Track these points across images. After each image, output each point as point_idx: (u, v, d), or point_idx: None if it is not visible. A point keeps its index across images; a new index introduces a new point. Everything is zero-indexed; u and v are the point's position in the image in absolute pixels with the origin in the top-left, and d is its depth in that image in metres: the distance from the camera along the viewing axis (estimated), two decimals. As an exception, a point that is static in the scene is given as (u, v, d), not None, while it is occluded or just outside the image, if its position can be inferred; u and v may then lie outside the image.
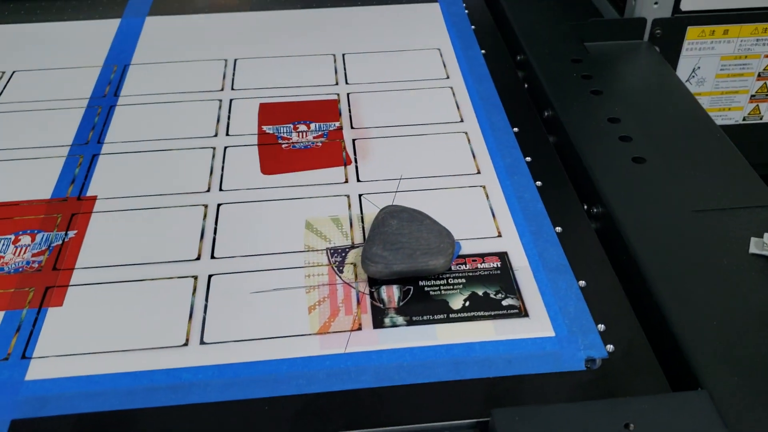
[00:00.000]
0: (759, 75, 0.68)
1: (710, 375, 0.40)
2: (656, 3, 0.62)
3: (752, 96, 0.69)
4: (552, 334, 0.43)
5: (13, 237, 0.50)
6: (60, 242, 0.50)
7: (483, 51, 0.71)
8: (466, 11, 0.79)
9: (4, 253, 0.49)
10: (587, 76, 0.64)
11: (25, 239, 0.50)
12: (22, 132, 0.61)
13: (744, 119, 0.70)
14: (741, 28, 0.63)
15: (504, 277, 0.47)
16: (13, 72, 0.69)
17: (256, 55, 0.71)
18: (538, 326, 0.44)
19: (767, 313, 0.43)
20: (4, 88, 0.66)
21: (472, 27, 0.76)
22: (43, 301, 0.46)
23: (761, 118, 0.70)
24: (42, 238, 0.50)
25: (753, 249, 0.47)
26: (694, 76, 0.66)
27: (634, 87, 0.62)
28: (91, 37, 0.75)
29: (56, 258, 0.49)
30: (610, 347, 0.43)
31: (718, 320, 0.43)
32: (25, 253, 0.49)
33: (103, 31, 0.76)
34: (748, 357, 0.41)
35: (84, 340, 0.43)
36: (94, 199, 0.53)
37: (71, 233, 0.50)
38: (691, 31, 0.64)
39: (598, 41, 0.66)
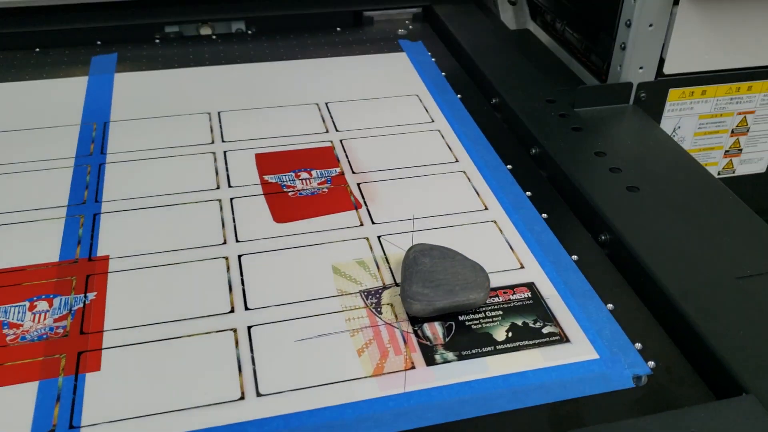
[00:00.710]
0: (732, 131, 0.74)
1: (752, 379, 0.43)
2: (641, 68, 0.67)
3: (726, 151, 0.76)
4: (597, 356, 0.45)
5: (27, 303, 0.48)
6: (81, 305, 0.48)
7: (459, 95, 0.74)
8: (433, 59, 0.82)
9: (22, 321, 0.47)
10: (564, 115, 0.68)
11: (42, 305, 0.48)
12: (12, 195, 0.58)
13: (719, 174, 0.76)
14: (717, 88, 0.70)
15: (537, 307, 0.49)
16: (-16, 134, 0.66)
17: (238, 107, 0.71)
18: (582, 350, 0.46)
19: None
20: (-25, 151, 0.64)
21: (443, 73, 0.79)
22: (78, 367, 0.44)
23: (734, 172, 0.77)
24: (60, 303, 0.48)
25: None
26: (675, 135, 0.72)
27: (614, 126, 0.67)
28: (61, 96, 0.73)
29: (81, 321, 0.47)
30: (651, 363, 0.45)
31: (749, 327, 0.46)
32: (45, 319, 0.47)
33: (71, 89, 0.74)
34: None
35: (133, 403, 0.42)
36: (106, 258, 0.52)
37: (91, 295, 0.49)
38: (673, 93, 0.69)
39: (587, 107, 0.70)
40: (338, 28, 0.89)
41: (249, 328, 0.47)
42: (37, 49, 0.82)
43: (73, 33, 0.83)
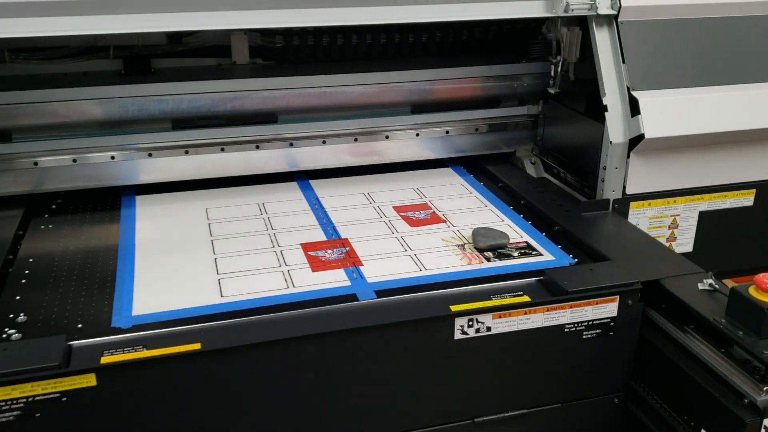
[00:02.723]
0: (669, 226, 1.28)
1: (613, 255, 1.21)
2: (614, 191, 1.23)
3: (667, 239, 1.29)
4: (553, 258, 1.08)
5: (323, 251, 1.12)
6: (345, 251, 1.13)
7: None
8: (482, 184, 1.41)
9: (324, 255, 1.11)
10: (575, 215, 1.21)
11: (330, 251, 1.12)
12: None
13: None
14: (656, 201, 1.26)
15: (529, 247, 1.11)
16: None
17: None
18: (548, 257, 1.07)
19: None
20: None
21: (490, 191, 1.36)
22: (355, 264, 1.07)
23: (673, 253, 1.20)
24: (336, 251, 1.17)
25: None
26: (636, 229, 1.21)
27: (603, 221, 1.20)
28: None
29: (348, 255, 1.11)
30: (576, 259, 1.13)
31: (619, 247, 1.25)
32: (333, 254, 1.09)
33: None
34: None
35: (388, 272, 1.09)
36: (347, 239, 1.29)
37: (347, 248, 1.15)
38: (633, 204, 1.24)
39: (588, 212, 1.22)
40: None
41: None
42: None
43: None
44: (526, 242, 1.15)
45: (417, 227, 1.20)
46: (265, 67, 1.43)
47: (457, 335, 0.92)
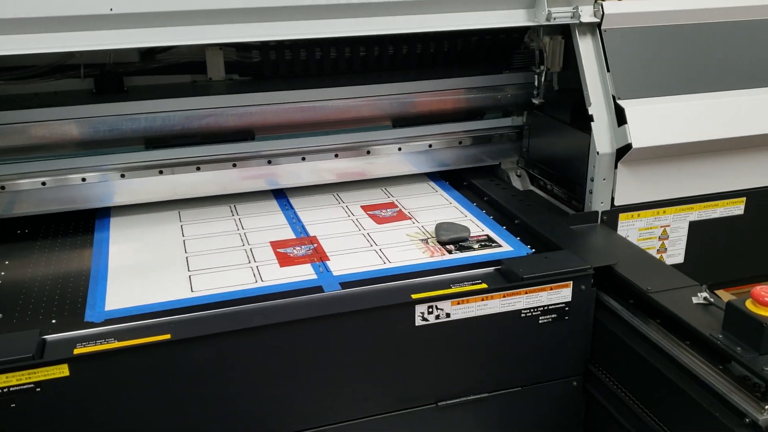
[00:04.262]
0: (659, 238, 1.28)
1: (565, 245, 1.18)
2: (602, 202, 1.21)
3: (657, 250, 1.28)
4: (511, 249, 1.19)
5: (292, 248, 1.21)
6: (313, 248, 1.21)
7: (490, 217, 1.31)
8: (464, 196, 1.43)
9: (293, 252, 1.20)
10: (563, 228, 1.20)
11: (298, 248, 1.21)
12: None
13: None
14: (645, 212, 1.25)
15: (489, 239, 1.23)
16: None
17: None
18: (506, 248, 1.19)
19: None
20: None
21: (474, 203, 1.37)
22: (322, 260, 1.16)
23: (663, 264, 1.22)
24: (304, 247, 1.21)
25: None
26: (625, 242, 1.22)
27: (592, 234, 1.19)
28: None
29: (315, 251, 1.20)
30: (533, 249, 1.19)
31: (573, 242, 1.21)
32: (301, 250, 1.20)
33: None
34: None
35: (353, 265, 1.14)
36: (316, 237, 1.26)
37: (314, 245, 1.22)
38: (622, 216, 1.22)
39: (576, 225, 1.21)
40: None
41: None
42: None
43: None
44: (486, 235, 1.22)
45: (383, 224, 1.27)
46: (241, 83, 1.40)
47: (418, 321, 0.97)
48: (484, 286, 1.01)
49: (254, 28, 1.17)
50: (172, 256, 1.17)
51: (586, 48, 1.27)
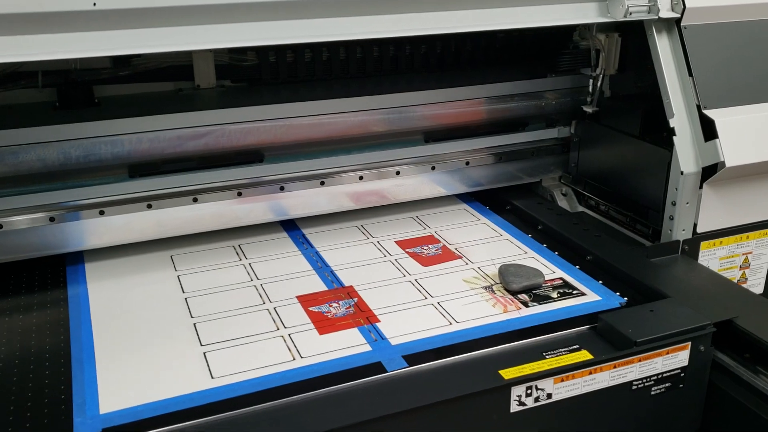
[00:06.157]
0: (740, 267, 1.14)
1: (672, 291, 0.97)
2: (684, 230, 1.06)
3: (738, 281, 1.14)
4: (599, 298, 0.99)
5: (327, 305, 0.97)
6: (353, 303, 0.98)
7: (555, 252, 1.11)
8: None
9: (329, 310, 0.96)
10: (642, 263, 1.04)
11: (335, 304, 0.97)
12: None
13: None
14: (728, 238, 1.10)
15: (567, 285, 1.02)
16: None
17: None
18: (593, 297, 0.99)
19: None
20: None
21: (529, 234, 1.16)
22: (370, 321, 0.93)
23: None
24: (342, 303, 0.97)
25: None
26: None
27: (674, 267, 1.04)
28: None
29: (358, 308, 0.96)
30: (625, 299, 0.98)
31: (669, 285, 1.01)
32: (339, 308, 0.96)
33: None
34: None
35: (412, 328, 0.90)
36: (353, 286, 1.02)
37: (354, 299, 0.98)
38: (703, 245, 1.08)
39: (658, 257, 1.06)
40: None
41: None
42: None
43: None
44: (561, 278, 1.03)
45: (430, 266, 1.06)
46: (236, 91, 1.15)
47: (514, 407, 0.79)
48: (587, 354, 0.83)
49: (261, 30, 0.92)
50: (176, 321, 0.92)
51: (664, 48, 1.07)
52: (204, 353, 0.85)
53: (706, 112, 1.05)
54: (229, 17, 0.90)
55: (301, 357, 0.84)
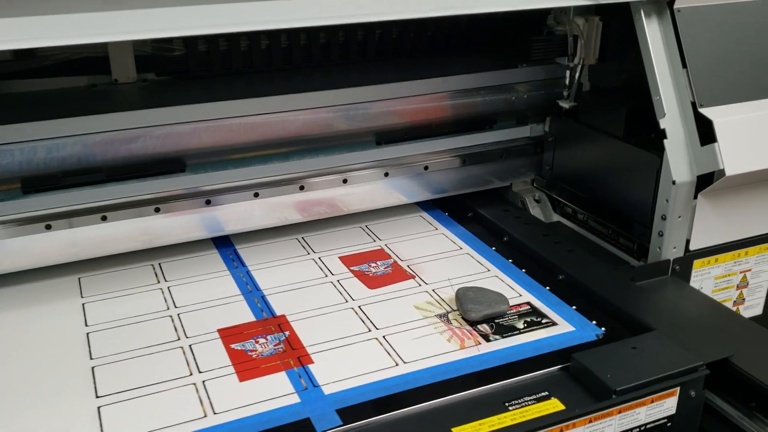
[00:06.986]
0: (737, 286, 1.02)
1: (657, 324, 0.82)
2: (675, 247, 0.93)
3: (734, 302, 1.02)
4: (573, 329, 0.84)
5: (253, 341, 0.82)
6: (284, 338, 0.83)
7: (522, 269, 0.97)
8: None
9: (255, 347, 0.81)
10: (625, 286, 0.91)
11: (262, 340, 0.82)
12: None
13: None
14: (724, 255, 0.97)
15: (535, 312, 0.87)
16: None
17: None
18: (566, 328, 0.84)
19: None
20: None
21: (492, 248, 1.02)
22: (302, 362, 0.78)
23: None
24: (271, 338, 0.83)
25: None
26: (699, 293, 0.98)
27: (663, 291, 0.91)
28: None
29: (288, 344, 0.81)
30: (603, 329, 0.84)
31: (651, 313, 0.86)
32: (267, 345, 0.81)
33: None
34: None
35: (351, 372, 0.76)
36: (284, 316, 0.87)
37: (286, 333, 0.84)
38: (697, 263, 0.95)
39: (643, 280, 0.92)
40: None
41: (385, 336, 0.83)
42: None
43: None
44: (528, 303, 0.89)
45: (377, 289, 0.93)
46: (160, 87, 1.00)
47: None
48: (559, 405, 0.72)
49: (207, 14, 0.76)
50: (71, 365, 0.79)
51: (654, 34, 0.92)
52: (98, 408, 0.72)
53: (702, 110, 0.90)
54: (151, 1, 0.74)
55: (214, 413, 0.71)
